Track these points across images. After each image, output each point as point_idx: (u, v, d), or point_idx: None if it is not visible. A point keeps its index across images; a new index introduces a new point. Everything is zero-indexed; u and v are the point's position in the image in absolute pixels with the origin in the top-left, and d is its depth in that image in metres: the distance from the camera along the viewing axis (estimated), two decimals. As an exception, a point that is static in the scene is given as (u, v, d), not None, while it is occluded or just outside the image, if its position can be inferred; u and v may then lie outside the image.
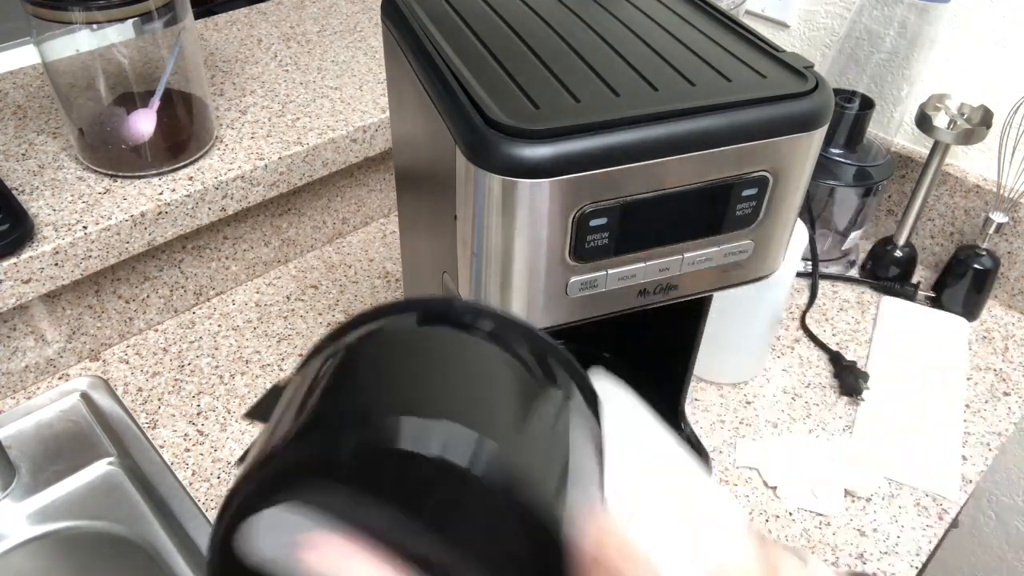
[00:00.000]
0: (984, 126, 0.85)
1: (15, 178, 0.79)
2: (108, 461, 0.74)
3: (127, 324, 0.85)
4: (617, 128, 0.40)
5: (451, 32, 0.48)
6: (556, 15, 0.51)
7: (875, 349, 0.88)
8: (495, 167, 0.39)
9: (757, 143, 0.43)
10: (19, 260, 0.71)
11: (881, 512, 0.73)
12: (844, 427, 0.80)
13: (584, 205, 0.41)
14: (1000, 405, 0.83)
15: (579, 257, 0.44)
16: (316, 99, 0.94)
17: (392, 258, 0.99)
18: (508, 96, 0.42)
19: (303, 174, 0.88)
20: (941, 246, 0.99)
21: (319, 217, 0.98)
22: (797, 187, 0.47)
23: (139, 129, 0.80)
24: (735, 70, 0.45)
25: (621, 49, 0.47)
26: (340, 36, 1.08)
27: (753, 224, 0.47)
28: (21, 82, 0.95)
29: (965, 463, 0.77)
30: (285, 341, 0.87)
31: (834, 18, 0.99)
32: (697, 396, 0.83)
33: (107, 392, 0.80)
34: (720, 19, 0.51)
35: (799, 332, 0.91)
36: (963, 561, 1.25)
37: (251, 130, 0.88)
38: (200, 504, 0.70)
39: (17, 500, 0.71)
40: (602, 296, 0.46)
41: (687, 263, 0.47)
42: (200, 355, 0.85)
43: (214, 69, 0.99)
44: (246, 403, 0.80)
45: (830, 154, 0.93)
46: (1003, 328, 0.93)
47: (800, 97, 0.44)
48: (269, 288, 0.94)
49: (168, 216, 0.79)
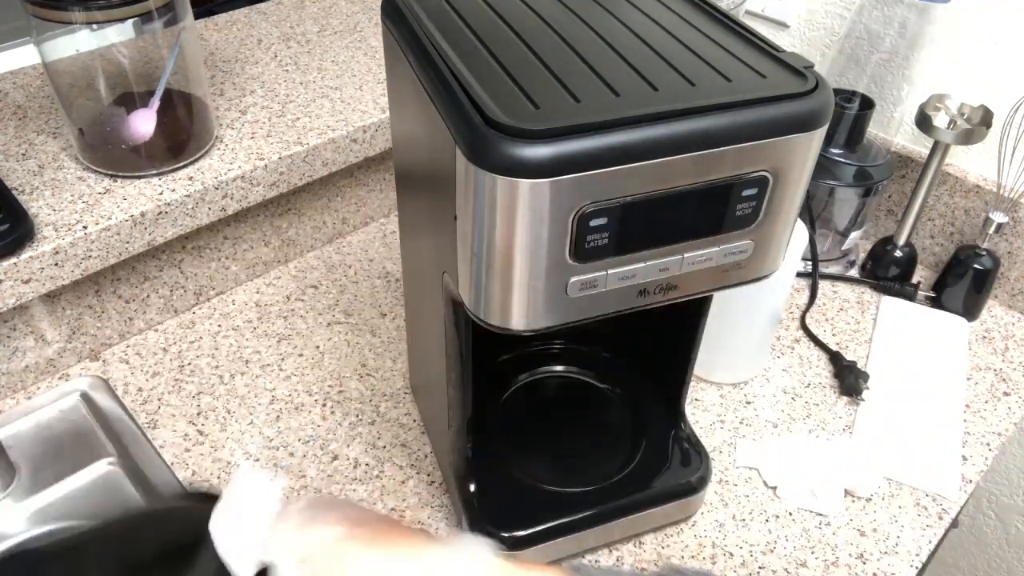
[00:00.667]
0: (984, 126, 0.85)
1: (15, 178, 0.79)
2: (108, 461, 0.74)
3: (127, 324, 0.85)
4: (617, 128, 0.40)
5: (451, 32, 0.48)
6: (556, 15, 0.51)
7: (875, 349, 0.88)
8: (495, 167, 0.39)
9: (757, 143, 0.43)
10: (19, 260, 0.71)
11: (881, 512, 0.73)
12: (844, 427, 0.80)
13: (584, 205, 0.41)
14: (1000, 405, 0.83)
15: (579, 257, 0.44)
16: (316, 99, 0.94)
17: (392, 258, 0.99)
18: (508, 96, 0.42)
19: (303, 174, 0.88)
20: (941, 246, 0.99)
21: (319, 217, 0.98)
22: (797, 187, 0.47)
23: (139, 129, 0.80)
24: (735, 70, 0.45)
25: (621, 49, 0.47)
26: (340, 36, 1.08)
27: (753, 224, 0.47)
28: (21, 82, 0.95)
29: (965, 463, 0.77)
30: (285, 341, 0.87)
31: (834, 18, 0.99)
32: (697, 396, 0.83)
33: (107, 392, 0.80)
34: (720, 19, 0.51)
35: (799, 332, 0.91)
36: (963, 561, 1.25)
37: (251, 130, 0.88)
38: (200, 504, 0.70)
39: (17, 500, 0.71)
40: (602, 296, 0.46)
41: (687, 263, 0.47)
42: (200, 355, 0.85)
43: (214, 69, 0.99)
44: (246, 403, 0.80)
45: (830, 154, 0.93)
46: (1003, 328, 0.93)
47: (800, 97, 0.44)
48: (269, 288, 0.94)
49: (168, 216, 0.79)
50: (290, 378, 0.83)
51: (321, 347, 0.86)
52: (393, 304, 0.92)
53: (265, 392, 0.81)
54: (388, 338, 0.88)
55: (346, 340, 0.87)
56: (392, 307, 0.92)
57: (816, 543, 0.70)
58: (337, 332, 0.88)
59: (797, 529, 0.71)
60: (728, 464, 0.76)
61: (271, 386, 0.82)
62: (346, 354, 0.86)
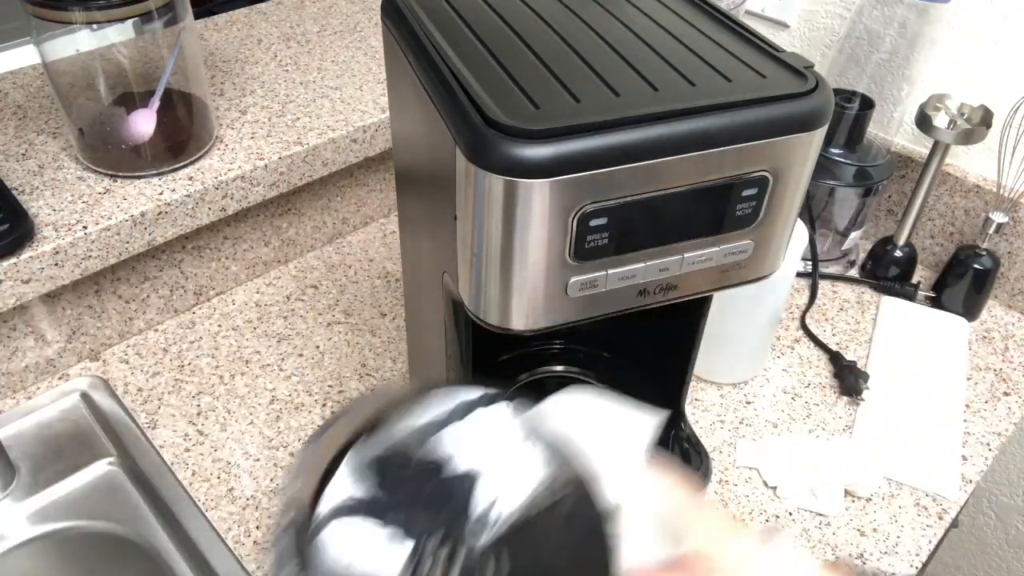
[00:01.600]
0: (984, 126, 0.85)
1: (15, 178, 0.79)
2: (108, 461, 0.74)
3: (127, 324, 0.85)
4: (617, 128, 0.40)
5: (451, 32, 0.48)
6: (556, 15, 0.51)
7: (875, 349, 0.88)
8: (495, 167, 0.39)
9: (757, 143, 0.43)
10: (19, 260, 0.71)
11: (881, 512, 0.73)
12: (844, 427, 0.80)
13: (584, 205, 0.41)
14: (1000, 405, 0.83)
15: (579, 257, 0.44)
16: (316, 99, 0.94)
17: (392, 258, 0.99)
18: (508, 96, 0.42)
19: (303, 174, 0.88)
20: (941, 246, 0.99)
21: (319, 217, 0.98)
22: (797, 187, 0.47)
23: (139, 129, 0.80)
24: (735, 70, 0.45)
25: (621, 49, 0.47)
26: (340, 36, 1.08)
27: (753, 224, 0.47)
28: (21, 82, 0.95)
29: (965, 463, 0.77)
30: (285, 341, 0.87)
31: (834, 18, 0.99)
32: (697, 396, 0.83)
33: (107, 392, 0.80)
34: (720, 19, 0.51)
35: (799, 332, 0.91)
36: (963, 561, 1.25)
37: (251, 130, 0.88)
38: (200, 504, 0.70)
39: (17, 500, 0.71)
40: (602, 296, 0.46)
41: (687, 263, 0.47)
42: (200, 355, 0.85)
43: (214, 69, 0.99)
44: (246, 403, 0.80)
45: (830, 154, 0.93)
46: (1003, 328, 0.93)
47: (800, 97, 0.43)
48: (269, 288, 0.94)
49: (168, 216, 0.79)
50: (290, 378, 0.83)
51: (321, 347, 0.86)
52: (393, 304, 0.92)
53: (265, 392, 0.81)
54: (388, 338, 0.88)
55: (346, 340, 0.87)
56: (392, 307, 0.92)
57: (816, 543, 0.70)
58: (337, 332, 0.88)
59: (797, 529, 0.71)
60: (728, 464, 0.76)
61: (271, 386, 0.82)
62: (346, 354, 0.86)
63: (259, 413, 0.79)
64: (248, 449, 0.75)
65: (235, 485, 0.72)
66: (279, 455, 0.75)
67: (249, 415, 0.79)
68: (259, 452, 0.75)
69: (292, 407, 0.80)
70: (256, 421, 0.78)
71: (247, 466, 0.74)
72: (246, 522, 0.69)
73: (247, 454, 0.75)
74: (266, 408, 0.79)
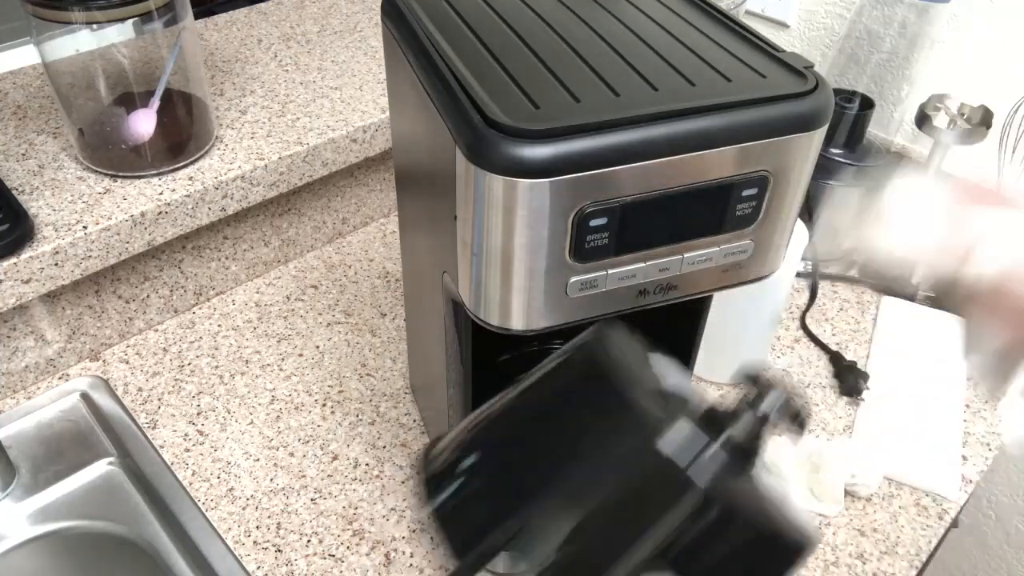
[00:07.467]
0: (984, 126, 0.85)
1: (15, 178, 0.79)
2: (108, 461, 0.74)
3: (127, 324, 0.85)
4: (617, 128, 0.40)
5: (451, 32, 0.48)
6: (556, 15, 0.51)
7: (875, 349, 0.88)
8: (495, 167, 0.39)
9: (757, 143, 0.43)
10: (19, 260, 0.71)
11: (881, 512, 0.73)
12: (844, 427, 0.80)
13: (584, 205, 0.41)
14: (1000, 405, 0.83)
15: (579, 257, 0.44)
16: (316, 99, 0.94)
17: (392, 258, 0.99)
18: (508, 96, 0.42)
19: (303, 174, 0.88)
20: (941, 246, 0.99)
21: (319, 217, 0.98)
22: (797, 187, 0.47)
23: (139, 129, 0.80)
24: (735, 70, 0.45)
25: (621, 49, 0.47)
26: (340, 36, 1.08)
27: (753, 224, 0.47)
28: (21, 82, 0.95)
29: (965, 463, 0.77)
30: (285, 341, 0.87)
31: (834, 18, 0.99)
32: (697, 396, 0.83)
33: (107, 392, 0.80)
34: (720, 19, 0.51)
35: (799, 332, 0.91)
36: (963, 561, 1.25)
37: (251, 130, 0.88)
38: (200, 504, 0.70)
39: (17, 500, 0.71)
40: (602, 296, 0.46)
41: (687, 263, 0.47)
42: (200, 355, 0.85)
43: (214, 69, 0.99)
44: (246, 403, 0.80)
45: (830, 154, 0.93)
46: (1003, 328, 0.93)
47: (800, 97, 0.44)
48: (269, 288, 0.94)
49: (168, 216, 0.79)
50: (290, 378, 0.83)
51: (321, 347, 0.86)
52: (393, 304, 0.92)
53: (265, 392, 0.81)
54: (388, 338, 0.88)
55: (346, 340, 0.87)
56: (392, 307, 0.92)
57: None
58: (337, 332, 0.88)
59: (797, 529, 0.71)
60: (728, 464, 0.76)
61: (271, 386, 0.82)
62: (346, 354, 0.86)
63: (259, 413, 0.79)
64: (248, 449, 0.75)
65: (235, 485, 0.72)
66: (279, 455, 0.75)
67: (249, 415, 0.79)
68: (259, 452, 0.75)
69: (292, 407, 0.80)
70: (256, 421, 0.78)
71: (247, 466, 0.74)
72: (246, 522, 0.69)
73: (247, 454, 0.75)
74: (266, 408, 0.79)
